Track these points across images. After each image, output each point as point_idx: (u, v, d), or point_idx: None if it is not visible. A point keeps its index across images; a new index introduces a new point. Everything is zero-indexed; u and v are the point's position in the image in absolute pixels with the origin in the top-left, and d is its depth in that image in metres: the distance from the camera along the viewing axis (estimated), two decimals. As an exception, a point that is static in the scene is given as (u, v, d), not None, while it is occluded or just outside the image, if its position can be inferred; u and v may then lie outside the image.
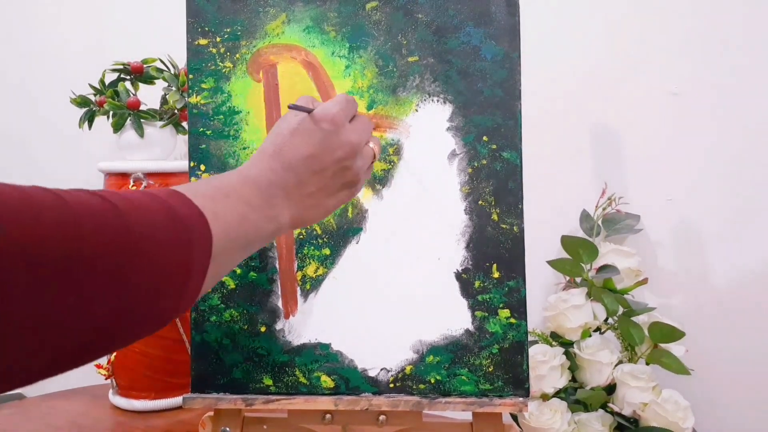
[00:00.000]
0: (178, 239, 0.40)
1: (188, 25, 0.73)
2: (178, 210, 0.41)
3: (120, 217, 0.37)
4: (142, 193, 0.41)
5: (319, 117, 0.54)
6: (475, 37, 0.71)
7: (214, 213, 0.44)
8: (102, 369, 0.96)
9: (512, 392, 0.69)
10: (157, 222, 0.39)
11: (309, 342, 0.71)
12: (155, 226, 0.39)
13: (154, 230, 0.38)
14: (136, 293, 0.37)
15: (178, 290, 0.41)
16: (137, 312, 0.38)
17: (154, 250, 0.38)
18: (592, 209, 0.95)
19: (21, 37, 1.47)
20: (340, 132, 0.55)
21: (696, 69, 0.93)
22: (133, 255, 0.37)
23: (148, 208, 0.39)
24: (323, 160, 0.54)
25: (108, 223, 0.36)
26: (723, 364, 0.92)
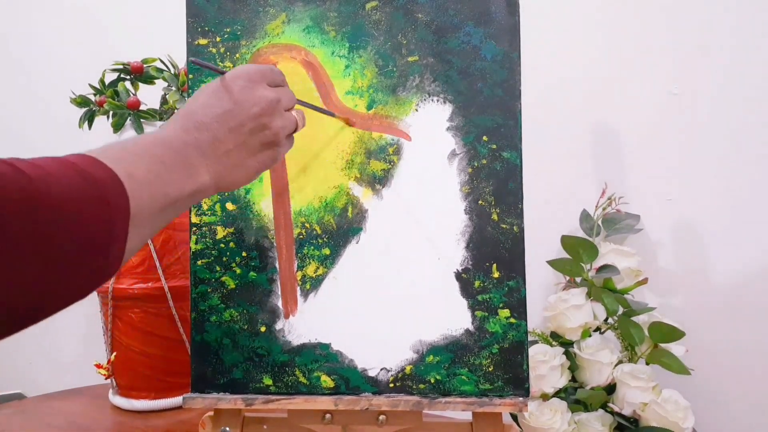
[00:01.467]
0: (93, 199, 0.40)
1: (188, 25, 0.73)
2: (91, 171, 0.41)
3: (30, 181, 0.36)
4: (51, 159, 0.40)
5: (234, 74, 0.55)
6: (475, 36, 0.71)
7: (126, 172, 0.43)
8: (102, 369, 0.96)
9: (512, 392, 0.69)
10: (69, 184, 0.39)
11: (309, 342, 0.71)
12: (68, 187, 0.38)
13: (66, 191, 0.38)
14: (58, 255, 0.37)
15: (101, 250, 0.41)
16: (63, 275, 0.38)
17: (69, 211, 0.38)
18: (592, 209, 0.95)
19: (21, 37, 1.47)
20: (255, 88, 0.55)
21: (696, 69, 0.93)
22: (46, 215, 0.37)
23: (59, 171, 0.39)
24: (238, 116, 0.53)
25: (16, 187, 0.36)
26: (723, 364, 0.92)
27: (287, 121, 0.58)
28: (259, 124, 0.55)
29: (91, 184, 0.40)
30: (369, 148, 0.72)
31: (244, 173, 0.56)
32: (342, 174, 0.72)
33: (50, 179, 0.38)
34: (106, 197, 0.41)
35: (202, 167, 0.51)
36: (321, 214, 0.72)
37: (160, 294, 0.93)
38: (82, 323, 1.37)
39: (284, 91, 0.58)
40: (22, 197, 0.36)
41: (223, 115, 0.53)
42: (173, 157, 0.49)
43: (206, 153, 0.52)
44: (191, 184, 0.50)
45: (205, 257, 0.72)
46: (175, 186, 0.48)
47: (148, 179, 0.46)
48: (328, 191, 0.72)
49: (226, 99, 0.54)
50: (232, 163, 0.54)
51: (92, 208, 0.40)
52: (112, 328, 0.96)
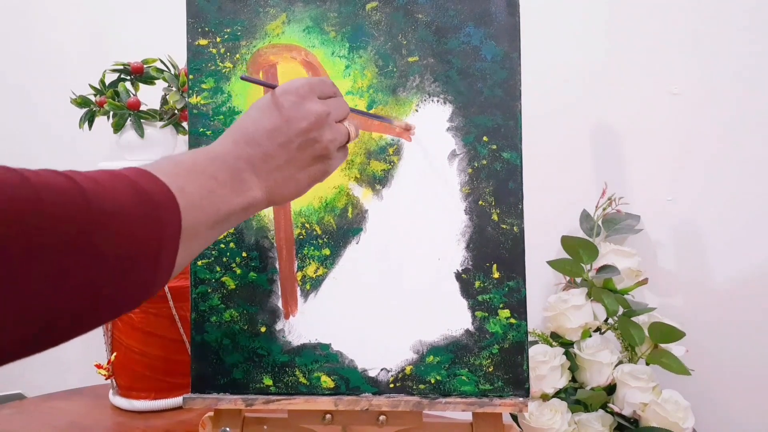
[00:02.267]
0: (146, 213, 0.41)
1: (188, 25, 0.73)
2: (144, 186, 0.42)
3: (84, 194, 0.37)
4: (107, 173, 0.41)
5: (283, 89, 0.55)
6: (475, 37, 0.71)
7: (179, 188, 0.44)
8: (102, 369, 0.96)
9: (512, 392, 0.69)
10: (123, 198, 0.39)
11: (309, 342, 0.71)
12: (121, 202, 0.39)
13: (119, 205, 0.39)
14: (108, 268, 0.38)
15: (151, 264, 0.41)
16: (112, 287, 0.39)
17: (121, 224, 0.39)
18: (592, 209, 0.95)
19: (21, 37, 1.47)
20: (304, 103, 0.55)
21: (696, 69, 0.93)
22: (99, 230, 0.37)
23: (114, 185, 0.40)
24: (287, 132, 0.54)
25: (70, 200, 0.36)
26: (723, 364, 0.92)
27: (338, 133, 0.58)
28: (309, 139, 0.55)
29: (144, 200, 0.41)
30: (369, 148, 0.72)
31: (295, 187, 0.56)
32: (342, 174, 0.72)
33: (105, 194, 0.38)
34: (159, 213, 0.42)
35: (253, 182, 0.52)
36: (321, 214, 0.72)
37: (160, 294, 0.93)
38: (82, 323, 1.36)
39: (335, 102, 0.58)
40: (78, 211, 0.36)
41: (273, 131, 0.53)
42: (225, 173, 0.50)
43: (257, 168, 0.53)
44: (243, 200, 0.51)
45: (206, 257, 0.72)
46: (226, 201, 0.49)
47: (201, 195, 0.46)
48: (328, 191, 0.72)
49: (276, 115, 0.54)
50: (283, 177, 0.55)
51: (144, 224, 0.40)
52: (112, 329, 0.96)
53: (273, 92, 0.55)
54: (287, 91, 0.55)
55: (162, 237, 0.42)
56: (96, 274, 0.37)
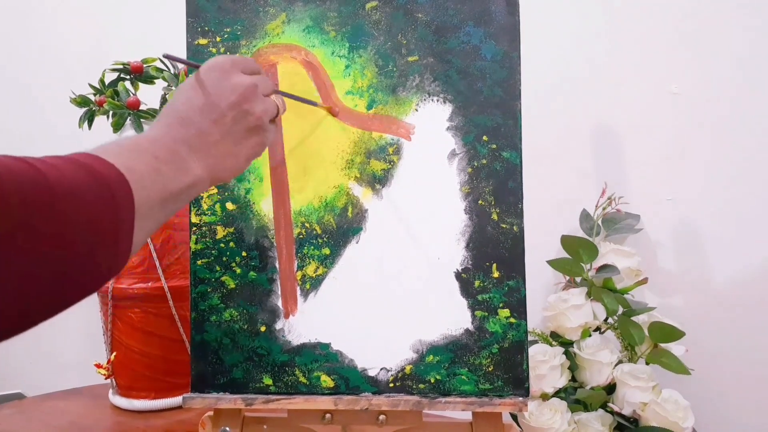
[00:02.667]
0: (101, 194, 0.42)
1: (188, 24, 0.73)
2: (96, 167, 0.43)
3: (45, 178, 0.38)
4: (59, 157, 0.42)
5: (207, 67, 0.56)
6: (474, 36, 0.71)
7: (127, 167, 0.45)
8: (102, 369, 0.96)
9: (512, 392, 0.69)
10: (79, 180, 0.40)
11: (309, 342, 0.71)
12: (78, 184, 0.40)
13: (78, 188, 0.40)
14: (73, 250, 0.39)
15: (111, 243, 0.42)
16: (77, 267, 0.40)
17: (81, 206, 0.40)
18: (592, 209, 0.95)
19: (21, 36, 1.47)
20: (230, 77, 0.56)
21: (696, 69, 0.93)
22: (62, 213, 0.38)
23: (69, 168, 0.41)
24: (218, 107, 0.55)
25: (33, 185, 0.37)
26: (723, 364, 0.92)
27: (268, 105, 0.59)
28: (241, 111, 0.56)
29: (98, 180, 0.42)
30: (369, 148, 0.72)
31: (235, 162, 0.57)
32: (342, 174, 0.72)
33: (63, 177, 0.39)
34: (113, 193, 0.43)
35: (193, 161, 0.53)
36: (321, 213, 0.72)
37: (160, 294, 0.93)
38: (82, 323, 1.36)
39: (260, 77, 0.59)
40: (40, 193, 0.37)
41: (203, 107, 0.54)
42: (166, 153, 0.50)
43: (195, 147, 0.53)
44: (187, 178, 0.52)
45: (205, 257, 0.72)
46: (172, 180, 0.50)
47: (148, 173, 0.47)
48: (328, 191, 0.72)
49: (205, 92, 0.55)
50: (222, 153, 0.55)
51: (101, 203, 0.41)
52: (112, 328, 0.96)
53: (198, 71, 0.56)
54: (212, 68, 0.56)
55: (118, 216, 0.43)
56: (62, 255, 0.38)
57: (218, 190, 0.72)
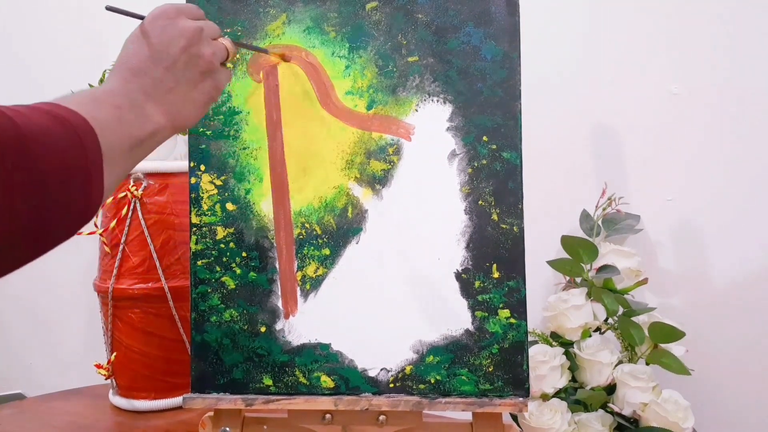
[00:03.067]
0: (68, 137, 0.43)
1: (188, 25, 0.73)
2: (62, 114, 0.44)
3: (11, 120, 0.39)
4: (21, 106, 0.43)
5: (151, 16, 0.56)
6: (475, 37, 0.71)
7: (90, 115, 0.46)
8: (102, 369, 0.96)
9: (512, 392, 0.69)
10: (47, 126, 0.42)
11: (309, 342, 0.71)
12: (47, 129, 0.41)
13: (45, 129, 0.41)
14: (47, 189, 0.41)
15: (84, 184, 0.44)
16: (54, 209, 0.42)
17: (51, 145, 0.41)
18: (592, 209, 0.95)
19: (21, 36, 1.47)
20: (175, 23, 0.56)
21: (696, 69, 0.93)
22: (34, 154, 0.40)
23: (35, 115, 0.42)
24: (168, 53, 0.55)
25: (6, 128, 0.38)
26: (723, 364, 0.92)
27: (216, 47, 0.59)
28: (190, 55, 0.56)
29: (66, 126, 0.43)
30: (369, 148, 0.72)
31: (192, 106, 0.58)
32: (342, 174, 0.72)
33: (31, 123, 0.41)
34: (80, 137, 0.44)
35: (152, 109, 0.53)
36: (321, 214, 0.72)
37: (160, 294, 0.93)
38: (82, 323, 1.37)
39: (205, 22, 0.60)
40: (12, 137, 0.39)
41: (153, 56, 0.55)
42: (124, 102, 0.52)
43: (151, 95, 0.54)
44: (149, 126, 0.53)
45: (205, 257, 0.72)
46: (135, 127, 0.51)
47: (111, 120, 0.49)
48: (328, 191, 0.72)
49: (152, 41, 0.55)
50: (179, 99, 0.56)
51: (70, 146, 0.43)
52: (112, 329, 0.96)
53: (143, 21, 0.56)
54: (156, 17, 0.56)
55: (87, 158, 0.44)
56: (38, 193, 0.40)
57: (218, 191, 0.72)
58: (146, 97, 0.53)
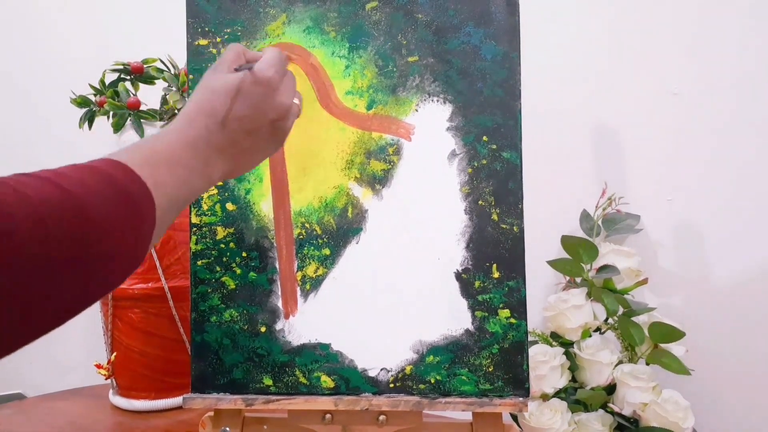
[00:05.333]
0: (127, 214, 0.43)
1: (188, 25, 0.73)
2: (123, 182, 0.44)
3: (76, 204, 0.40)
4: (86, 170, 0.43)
5: (256, 80, 0.55)
6: (475, 37, 0.71)
7: (155, 182, 0.46)
8: (102, 369, 0.96)
9: (512, 392, 0.69)
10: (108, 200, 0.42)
11: (309, 342, 0.71)
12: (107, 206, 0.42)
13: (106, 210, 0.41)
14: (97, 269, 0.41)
15: (131, 257, 0.44)
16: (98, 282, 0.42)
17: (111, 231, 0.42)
18: (592, 209, 0.95)
19: (21, 37, 1.47)
20: (275, 95, 0.56)
21: (696, 69, 0.93)
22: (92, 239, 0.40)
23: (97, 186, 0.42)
24: (258, 121, 0.55)
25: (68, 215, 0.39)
26: (723, 364, 0.92)
27: (294, 115, 0.60)
28: (275, 128, 0.57)
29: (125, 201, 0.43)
30: (369, 148, 0.72)
31: (251, 166, 0.59)
32: (342, 174, 0.72)
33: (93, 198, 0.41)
34: (139, 210, 0.44)
35: (216, 167, 0.53)
36: (321, 214, 0.72)
37: (160, 294, 0.93)
38: (82, 323, 1.36)
39: (292, 85, 0.59)
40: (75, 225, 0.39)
41: (243, 118, 0.54)
42: (197, 161, 0.51)
43: (223, 153, 0.54)
44: (206, 184, 0.53)
45: (205, 257, 0.72)
46: (194, 188, 0.51)
47: (175, 186, 0.48)
48: (328, 191, 0.72)
49: (248, 104, 0.54)
50: (244, 161, 0.57)
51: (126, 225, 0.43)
52: (112, 329, 0.96)
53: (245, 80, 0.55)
54: (261, 82, 0.55)
55: (140, 233, 0.45)
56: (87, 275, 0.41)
57: (218, 191, 0.72)
58: (218, 156, 0.53)
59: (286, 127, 0.58)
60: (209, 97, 0.54)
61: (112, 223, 0.42)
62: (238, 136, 0.54)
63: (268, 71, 0.55)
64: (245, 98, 0.54)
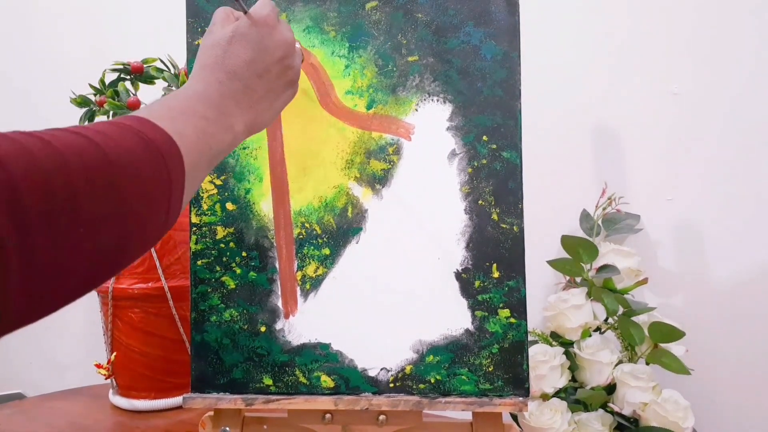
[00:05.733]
0: (155, 161, 0.43)
1: (188, 25, 0.73)
2: (148, 134, 0.43)
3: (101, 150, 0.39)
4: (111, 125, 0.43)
5: (253, 19, 0.54)
6: (474, 36, 0.71)
7: (178, 133, 0.45)
8: (102, 369, 0.96)
9: (512, 392, 0.69)
10: (134, 149, 0.41)
11: (309, 342, 0.71)
12: (133, 153, 0.41)
13: (133, 156, 0.41)
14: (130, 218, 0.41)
15: (165, 207, 0.44)
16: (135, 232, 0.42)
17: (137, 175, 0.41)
18: (592, 209, 0.95)
19: (21, 37, 1.47)
20: (274, 32, 0.55)
21: (696, 69, 0.93)
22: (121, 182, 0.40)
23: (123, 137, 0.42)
24: (265, 62, 0.54)
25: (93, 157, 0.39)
26: (723, 364, 0.92)
27: (299, 55, 0.59)
28: (284, 66, 0.56)
29: (151, 148, 0.43)
30: (369, 148, 0.72)
31: (271, 115, 0.58)
32: (342, 174, 0.72)
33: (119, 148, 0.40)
34: (165, 160, 0.44)
35: (237, 117, 0.53)
36: (321, 214, 0.72)
37: (160, 294, 0.93)
38: (82, 323, 1.37)
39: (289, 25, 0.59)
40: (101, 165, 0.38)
41: (251, 62, 0.54)
42: (214, 111, 0.50)
43: (240, 102, 0.53)
44: (229, 136, 0.52)
45: (205, 257, 0.72)
46: (217, 139, 0.50)
47: (197, 136, 0.48)
48: (328, 191, 0.72)
49: (251, 46, 0.54)
50: (262, 108, 0.56)
51: (155, 171, 0.43)
52: (112, 328, 0.96)
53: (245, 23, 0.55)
54: (259, 23, 0.55)
55: (171, 181, 0.44)
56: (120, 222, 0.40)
57: (218, 191, 0.72)
58: (235, 105, 0.52)
59: (294, 64, 0.57)
60: (213, 51, 0.54)
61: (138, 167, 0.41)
62: (250, 81, 0.53)
63: (263, 10, 0.55)
64: (246, 41, 0.54)
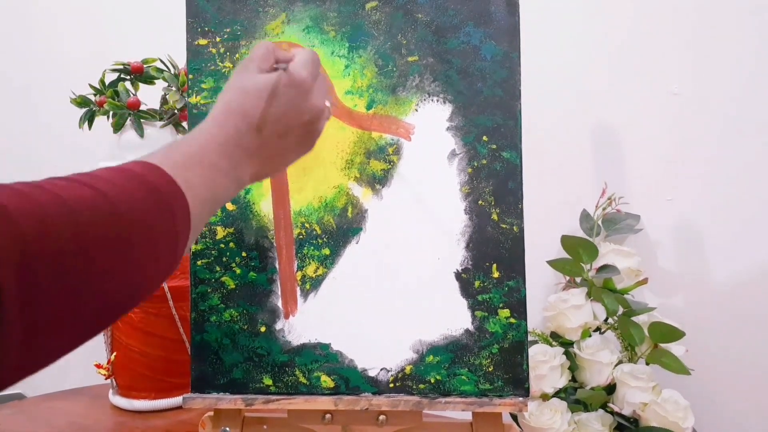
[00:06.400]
0: (163, 215, 0.43)
1: (188, 25, 0.73)
2: (154, 183, 0.43)
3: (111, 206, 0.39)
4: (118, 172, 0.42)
5: (290, 82, 0.53)
6: (474, 36, 0.71)
7: (187, 182, 0.45)
8: (102, 369, 0.96)
9: (512, 392, 0.69)
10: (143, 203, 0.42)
11: (309, 342, 0.71)
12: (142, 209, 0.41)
13: (142, 214, 0.41)
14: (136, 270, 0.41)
15: (169, 258, 0.44)
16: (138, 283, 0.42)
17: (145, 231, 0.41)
18: (592, 209, 0.95)
19: (21, 37, 1.47)
20: (308, 96, 0.54)
21: (696, 69, 0.93)
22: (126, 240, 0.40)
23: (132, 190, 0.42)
24: (291, 124, 0.53)
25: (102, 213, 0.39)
26: (723, 364, 0.92)
27: (326, 118, 0.58)
28: (308, 131, 0.56)
29: (158, 199, 0.43)
30: (369, 148, 0.72)
31: (280, 168, 0.58)
32: (342, 174, 0.72)
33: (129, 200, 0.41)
34: (172, 210, 0.44)
35: (246, 169, 0.52)
36: (321, 214, 0.72)
37: (160, 294, 0.93)
38: (82, 323, 1.36)
39: (324, 87, 0.58)
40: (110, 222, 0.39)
41: (276, 122, 0.52)
42: (227, 162, 0.50)
43: (254, 156, 0.52)
44: (236, 186, 0.52)
45: (205, 257, 0.72)
46: (224, 189, 0.50)
47: (206, 186, 0.48)
48: (328, 191, 0.72)
49: (283, 107, 0.52)
50: (274, 164, 0.55)
51: (163, 222, 0.43)
52: (112, 328, 0.96)
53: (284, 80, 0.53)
54: (293, 84, 0.53)
55: (177, 232, 0.44)
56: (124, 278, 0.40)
57: (218, 191, 0.72)
58: (248, 158, 0.51)
59: (318, 129, 0.56)
60: (240, 99, 0.52)
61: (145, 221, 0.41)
62: (270, 138, 0.52)
63: (303, 72, 0.53)
64: (278, 101, 0.52)
